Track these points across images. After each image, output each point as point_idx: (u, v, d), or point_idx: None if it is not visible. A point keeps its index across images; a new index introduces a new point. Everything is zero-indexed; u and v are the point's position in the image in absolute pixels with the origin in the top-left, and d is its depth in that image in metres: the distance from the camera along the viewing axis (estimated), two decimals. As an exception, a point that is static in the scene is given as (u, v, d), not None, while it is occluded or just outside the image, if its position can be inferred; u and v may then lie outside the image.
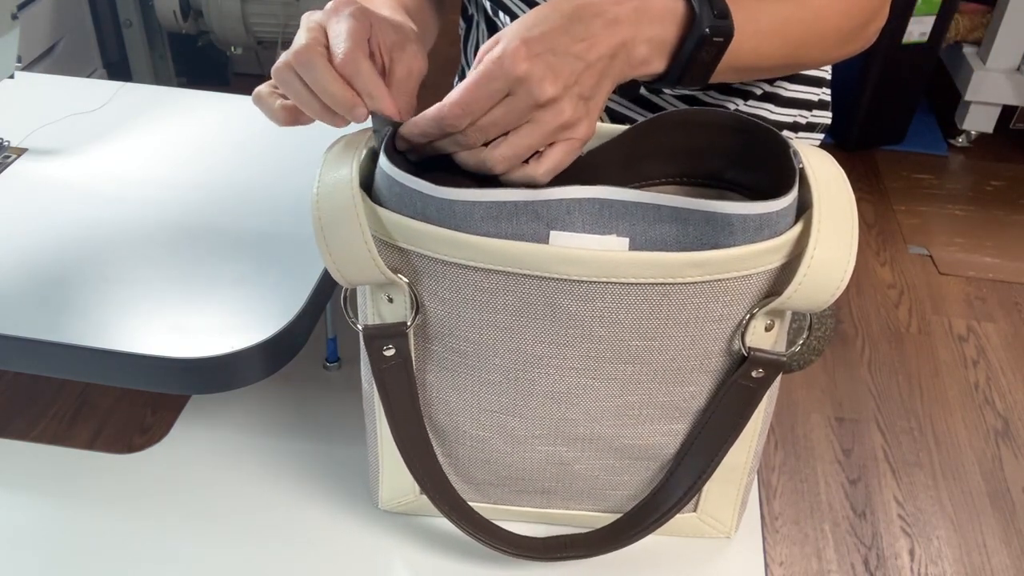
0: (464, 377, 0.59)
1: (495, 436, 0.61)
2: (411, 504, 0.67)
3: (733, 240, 0.51)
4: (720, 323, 0.55)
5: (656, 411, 0.59)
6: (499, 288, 0.53)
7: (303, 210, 0.79)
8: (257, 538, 0.66)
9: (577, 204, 0.52)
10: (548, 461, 0.62)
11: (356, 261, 0.54)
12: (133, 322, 0.67)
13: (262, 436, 0.74)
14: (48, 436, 1.39)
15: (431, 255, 0.53)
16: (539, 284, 0.53)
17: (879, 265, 2.11)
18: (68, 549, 0.65)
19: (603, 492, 0.65)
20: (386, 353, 0.57)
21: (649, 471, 0.63)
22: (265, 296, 0.70)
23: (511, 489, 0.65)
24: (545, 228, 0.52)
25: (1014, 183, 2.43)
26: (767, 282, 0.53)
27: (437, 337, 0.57)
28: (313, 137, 0.90)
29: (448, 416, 0.61)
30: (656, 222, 0.52)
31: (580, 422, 0.60)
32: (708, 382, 0.58)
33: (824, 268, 0.52)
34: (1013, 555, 1.46)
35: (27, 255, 0.73)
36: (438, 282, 0.54)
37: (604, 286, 0.52)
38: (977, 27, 2.45)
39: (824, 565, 1.43)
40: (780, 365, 0.56)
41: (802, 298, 0.53)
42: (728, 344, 0.56)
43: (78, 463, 0.71)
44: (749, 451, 0.63)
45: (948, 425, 1.70)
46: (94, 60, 2.31)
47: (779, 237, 0.52)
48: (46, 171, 0.84)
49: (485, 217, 0.51)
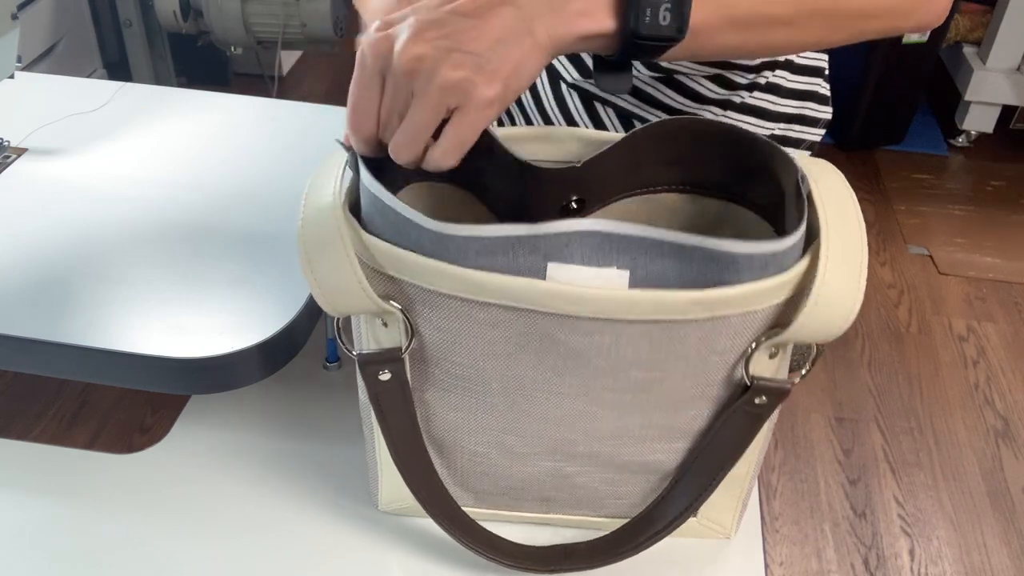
0: (462, 398, 0.58)
1: (494, 451, 0.61)
2: (411, 506, 0.67)
3: (738, 277, 0.49)
4: (723, 355, 0.53)
5: (656, 432, 0.58)
6: (497, 321, 0.52)
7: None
8: (257, 538, 0.66)
9: (577, 237, 0.49)
10: (548, 474, 0.62)
11: (345, 291, 0.52)
12: (133, 322, 0.67)
13: (262, 436, 0.74)
14: (48, 436, 1.39)
15: (424, 286, 0.51)
16: (536, 319, 0.51)
17: (879, 265, 2.11)
18: (68, 549, 0.65)
19: (603, 501, 0.65)
20: (381, 378, 0.56)
21: (650, 483, 0.63)
22: (265, 296, 0.70)
23: (511, 497, 0.65)
24: (543, 260, 0.50)
25: (1014, 183, 2.43)
26: (773, 315, 0.52)
27: (433, 361, 0.56)
28: (313, 137, 0.90)
29: (446, 432, 0.61)
30: (658, 257, 0.50)
31: (579, 442, 0.59)
32: (709, 408, 0.57)
33: (832, 302, 0.50)
34: (1013, 555, 1.46)
35: (27, 255, 0.73)
36: (433, 311, 0.53)
37: (604, 323, 0.51)
38: (977, 27, 2.45)
39: (824, 565, 1.43)
40: (784, 392, 0.55)
41: (809, 332, 0.51)
42: (730, 373, 0.54)
43: (78, 463, 0.71)
44: (751, 464, 0.62)
45: (948, 425, 1.70)
46: (94, 60, 2.31)
47: (785, 273, 0.50)
48: (46, 171, 0.84)
49: (481, 252, 0.49)
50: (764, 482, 1.55)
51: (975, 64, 2.41)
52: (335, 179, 0.53)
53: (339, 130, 0.58)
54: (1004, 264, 2.12)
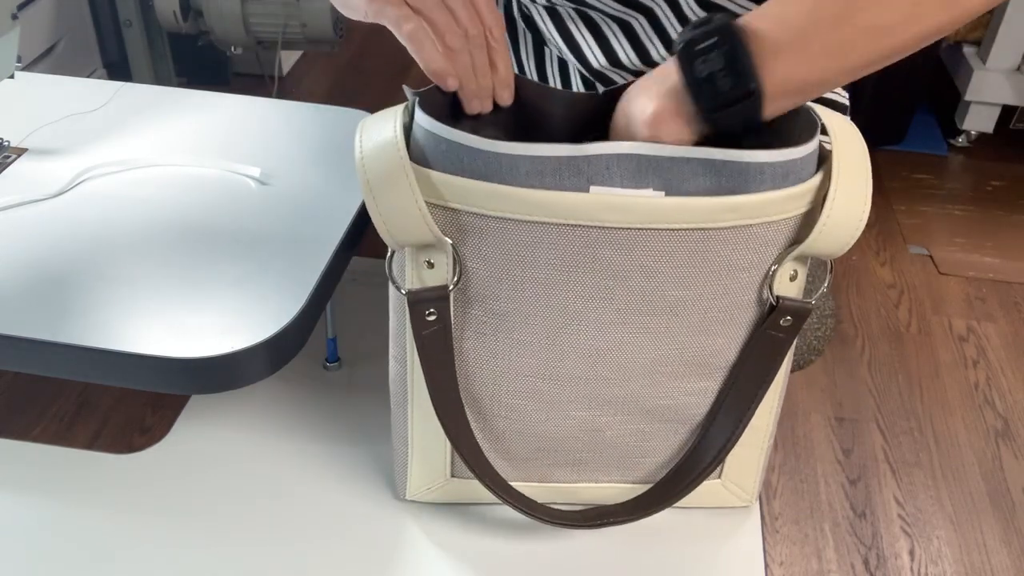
0: (501, 341, 0.60)
1: (530, 404, 0.63)
2: (440, 490, 0.67)
3: (763, 187, 0.55)
4: (750, 271, 0.58)
5: (686, 368, 0.62)
6: (542, 241, 0.55)
7: (304, 209, 0.79)
8: (257, 538, 0.66)
9: (615, 160, 0.54)
10: (581, 428, 0.64)
11: (406, 222, 0.55)
12: (133, 322, 0.67)
13: (262, 436, 0.74)
14: (48, 436, 1.39)
15: (476, 211, 0.55)
16: (582, 234, 0.55)
17: (879, 265, 2.11)
18: (68, 549, 0.65)
19: (633, 460, 0.67)
20: (428, 318, 0.59)
21: (679, 435, 0.65)
22: (265, 296, 0.70)
23: (544, 462, 0.66)
24: (586, 183, 0.54)
25: (1014, 183, 2.43)
26: (792, 230, 0.57)
27: (477, 300, 0.59)
28: (313, 137, 0.90)
29: (483, 386, 0.63)
30: (690, 176, 0.54)
31: (613, 381, 0.61)
32: (737, 334, 0.61)
33: (843, 212, 0.55)
34: (1013, 555, 1.46)
35: (27, 255, 0.73)
36: (482, 239, 0.56)
37: (644, 233, 0.55)
38: (977, 27, 2.44)
39: (824, 565, 1.43)
40: (807, 312, 0.60)
41: (825, 242, 0.56)
42: (757, 294, 0.59)
43: (78, 463, 0.71)
44: (770, 413, 0.66)
45: (948, 425, 1.70)
46: (94, 60, 2.31)
47: (803, 183, 0.56)
48: (46, 171, 0.84)
49: (530, 172, 0.53)
50: (764, 482, 1.55)
51: (975, 64, 2.41)
52: (393, 120, 0.56)
53: (339, 130, 0.59)
54: (1004, 264, 2.12)
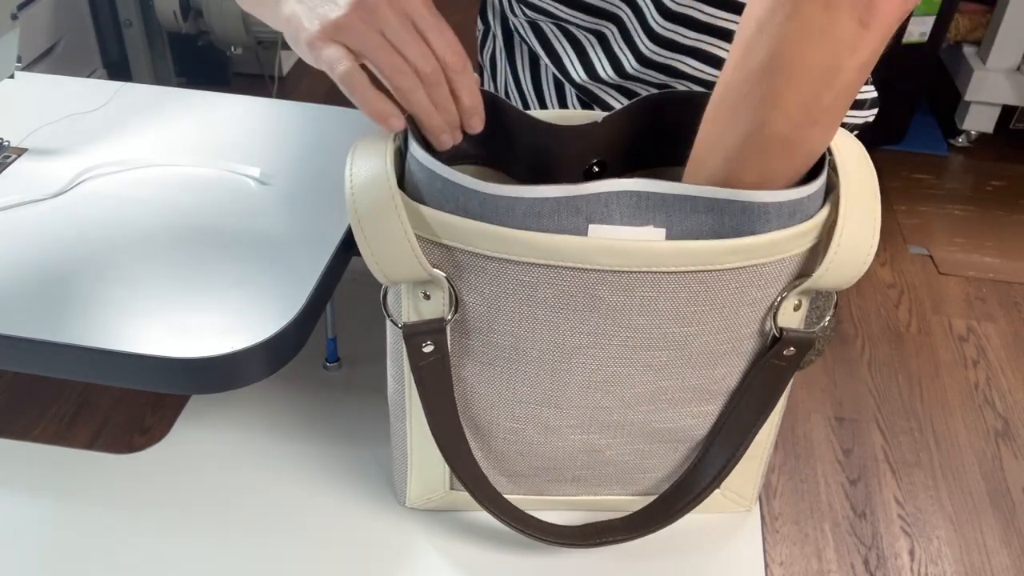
0: (501, 370, 0.59)
1: (529, 427, 0.62)
2: (440, 500, 0.67)
3: (768, 226, 0.53)
4: (754, 306, 0.56)
5: (688, 394, 0.61)
6: (539, 282, 0.54)
7: (303, 209, 0.79)
8: (257, 538, 0.66)
9: (615, 197, 0.53)
10: (580, 449, 0.63)
11: (397, 257, 0.54)
12: (133, 322, 0.67)
13: (262, 436, 0.74)
14: (48, 436, 1.39)
15: (472, 250, 0.53)
16: (580, 276, 0.53)
17: (879, 265, 2.11)
18: (68, 549, 0.65)
19: (632, 476, 0.66)
20: (425, 350, 0.58)
21: (678, 453, 0.65)
22: (265, 296, 0.70)
23: (543, 479, 0.66)
24: (584, 222, 0.53)
25: (1014, 183, 2.43)
26: (799, 264, 0.55)
27: (475, 332, 0.58)
28: (313, 137, 0.90)
29: (483, 410, 0.62)
30: (692, 213, 0.53)
31: (614, 409, 0.61)
32: (740, 363, 0.60)
33: (851, 246, 0.54)
34: (1013, 555, 1.46)
35: (27, 255, 0.73)
36: (478, 277, 0.55)
37: (644, 276, 0.53)
38: (977, 27, 2.44)
39: (824, 565, 1.43)
40: (811, 341, 0.58)
41: (832, 276, 0.55)
42: (760, 326, 0.58)
43: (78, 463, 0.71)
44: (772, 427, 0.65)
45: (948, 425, 1.70)
46: (94, 60, 2.31)
47: (810, 220, 0.54)
48: (46, 171, 0.84)
49: (528, 213, 0.52)
50: (764, 482, 1.55)
51: (975, 64, 2.41)
52: (383, 154, 0.54)
53: (339, 130, 0.59)
54: (1004, 264, 2.12)
